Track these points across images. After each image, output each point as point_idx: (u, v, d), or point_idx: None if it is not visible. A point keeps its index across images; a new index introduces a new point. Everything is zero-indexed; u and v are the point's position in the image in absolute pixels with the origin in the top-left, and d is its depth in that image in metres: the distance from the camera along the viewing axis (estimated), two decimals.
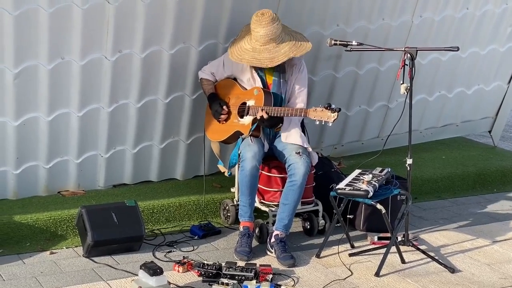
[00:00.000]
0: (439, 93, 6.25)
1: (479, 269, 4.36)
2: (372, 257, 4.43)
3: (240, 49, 4.54)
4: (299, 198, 4.42)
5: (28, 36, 4.36)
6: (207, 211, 4.98)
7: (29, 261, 4.21)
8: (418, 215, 5.23)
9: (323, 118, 4.31)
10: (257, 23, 4.46)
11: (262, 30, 4.44)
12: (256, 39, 4.48)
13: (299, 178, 4.36)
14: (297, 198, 4.40)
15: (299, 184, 4.37)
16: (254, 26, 4.48)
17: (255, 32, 4.47)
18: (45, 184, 4.88)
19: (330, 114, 4.28)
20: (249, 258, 4.31)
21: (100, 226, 4.27)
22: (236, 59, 4.54)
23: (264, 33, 4.44)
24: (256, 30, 4.47)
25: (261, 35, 4.45)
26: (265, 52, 4.45)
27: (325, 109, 4.30)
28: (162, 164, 5.24)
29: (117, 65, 4.70)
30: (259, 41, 4.47)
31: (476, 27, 6.02)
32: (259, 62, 4.46)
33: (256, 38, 4.47)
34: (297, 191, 4.38)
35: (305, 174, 4.37)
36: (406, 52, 4.29)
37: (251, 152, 4.40)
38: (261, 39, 4.46)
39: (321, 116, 4.31)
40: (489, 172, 6.00)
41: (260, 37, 4.45)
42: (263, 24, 4.44)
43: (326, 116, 4.29)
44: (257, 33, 4.46)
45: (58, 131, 4.76)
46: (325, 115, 4.30)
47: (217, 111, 4.66)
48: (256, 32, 4.46)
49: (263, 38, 4.45)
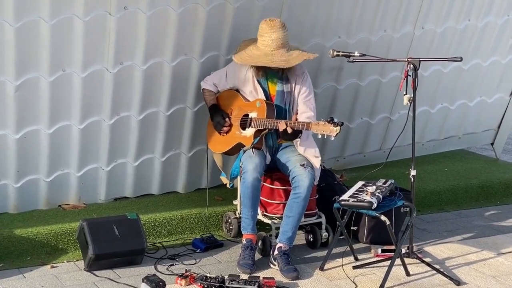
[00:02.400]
0: (441, 105, 6.23)
1: (485, 281, 4.32)
2: (376, 270, 4.38)
3: (249, 55, 4.51)
4: (303, 210, 4.38)
5: (29, 48, 4.35)
6: (209, 224, 4.94)
7: (29, 275, 4.17)
8: (422, 227, 5.19)
9: (325, 132, 4.27)
10: (267, 28, 4.44)
11: (274, 35, 4.42)
12: (266, 45, 4.44)
13: (303, 190, 4.33)
14: (301, 210, 4.37)
15: (304, 196, 4.33)
16: (265, 31, 4.45)
17: (266, 37, 4.44)
18: (45, 198, 4.85)
19: (333, 128, 4.24)
20: (252, 271, 4.27)
21: (101, 239, 4.23)
22: (248, 62, 4.49)
23: (276, 37, 4.42)
24: (267, 35, 4.44)
25: (273, 39, 4.42)
26: (278, 56, 4.43)
27: (328, 123, 4.26)
28: (164, 177, 5.21)
29: (119, 77, 4.68)
30: (270, 46, 4.43)
31: (478, 39, 6.01)
32: (275, 63, 4.42)
33: (267, 43, 4.44)
34: (301, 203, 4.35)
35: (309, 187, 4.34)
36: (409, 62, 4.27)
37: (253, 164, 4.37)
38: (273, 44, 4.42)
39: (324, 130, 4.27)
40: (492, 185, 5.97)
41: (272, 41, 4.43)
42: (275, 29, 4.42)
43: (328, 130, 4.26)
44: (269, 38, 4.43)
45: (59, 144, 4.73)
46: (328, 129, 4.26)
47: (219, 123, 4.63)
48: (268, 37, 4.43)
49: (275, 43, 4.42)
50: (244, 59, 4.51)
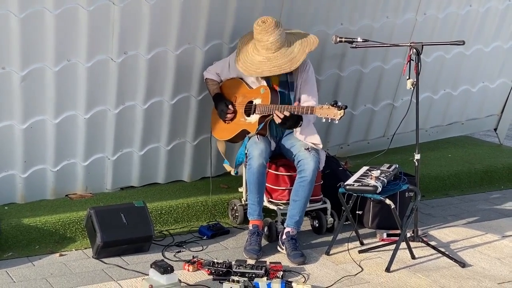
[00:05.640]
0: (444, 91, 6.25)
1: (490, 263, 4.35)
2: (382, 254, 4.42)
3: (253, 63, 4.49)
4: (309, 194, 4.41)
5: (34, 38, 4.37)
6: (215, 212, 4.98)
7: (39, 263, 4.21)
8: (427, 212, 5.22)
9: (329, 115, 4.28)
10: (263, 32, 4.42)
11: (271, 37, 4.41)
12: (266, 48, 4.44)
13: (309, 174, 4.36)
14: (307, 194, 4.40)
15: (309, 180, 4.36)
16: (260, 35, 4.44)
17: (264, 42, 4.43)
18: (52, 188, 4.88)
19: (337, 112, 4.26)
20: (258, 257, 4.30)
21: (109, 227, 4.27)
22: (254, 73, 4.49)
23: (274, 40, 4.41)
24: (264, 39, 4.43)
25: (271, 42, 4.42)
26: (281, 58, 4.43)
27: (332, 107, 4.27)
28: (169, 166, 5.24)
29: (123, 66, 4.70)
30: (270, 49, 4.43)
31: (480, 24, 6.02)
32: (280, 69, 4.42)
33: (267, 47, 4.43)
34: (307, 187, 4.38)
35: (314, 170, 4.37)
36: (412, 47, 4.30)
37: (258, 150, 4.40)
38: (273, 46, 4.42)
39: (328, 113, 4.29)
40: (496, 169, 5.99)
41: (270, 44, 4.42)
42: (270, 31, 4.41)
43: (332, 114, 4.27)
44: (266, 42, 4.42)
45: (65, 134, 4.76)
46: (332, 112, 4.27)
47: (222, 111, 4.66)
48: (265, 41, 4.42)
49: (274, 45, 4.42)
50: (248, 68, 4.49)
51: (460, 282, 4.07)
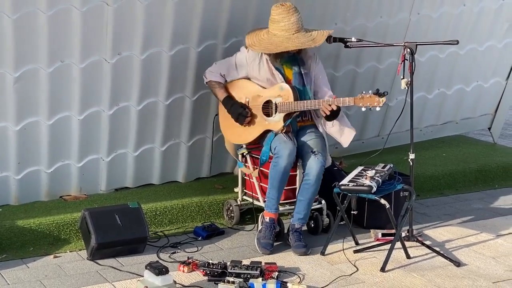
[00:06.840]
0: (438, 91, 6.26)
1: (485, 262, 4.35)
2: (377, 253, 4.42)
3: (272, 43, 4.43)
4: (313, 195, 4.49)
5: (27, 39, 4.36)
6: (210, 213, 4.97)
7: (33, 265, 4.19)
8: (421, 211, 5.23)
9: (371, 104, 4.31)
10: (284, 13, 4.40)
11: (292, 18, 4.40)
12: (286, 29, 4.39)
13: (312, 177, 4.42)
14: (311, 195, 4.48)
15: (313, 183, 4.42)
16: (281, 16, 4.40)
17: (285, 22, 4.39)
18: (46, 189, 4.87)
19: (379, 99, 4.30)
20: (270, 253, 4.36)
21: (103, 228, 4.25)
22: (275, 49, 4.41)
23: (295, 20, 4.40)
24: (286, 20, 4.39)
25: (293, 22, 4.39)
26: (302, 38, 4.41)
27: (374, 95, 4.31)
28: (164, 167, 5.23)
29: (117, 67, 4.70)
30: (291, 29, 4.39)
31: (474, 24, 6.03)
32: (303, 44, 4.39)
33: (287, 27, 4.39)
34: (310, 189, 4.45)
35: (319, 174, 4.42)
36: (406, 46, 4.30)
37: (288, 149, 4.39)
38: (294, 27, 4.40)
39: (370, 102, 4.31)
40: (491, 168, 6.00)
41: (292, 24, 4.39)
42: (291, 12, 4.41)
43: (375, 102, 4.30)
44: (288, 22, 4.39)
45: (59, 135, 4.75)
46: (374, 100, 4.30)
47: (241, 114, 4.57)
48: (287, 21, 4.39)
49: (295, 25, 4.40)
50: (267, 48, 4.43)
51: (455, 281, 4.08)
